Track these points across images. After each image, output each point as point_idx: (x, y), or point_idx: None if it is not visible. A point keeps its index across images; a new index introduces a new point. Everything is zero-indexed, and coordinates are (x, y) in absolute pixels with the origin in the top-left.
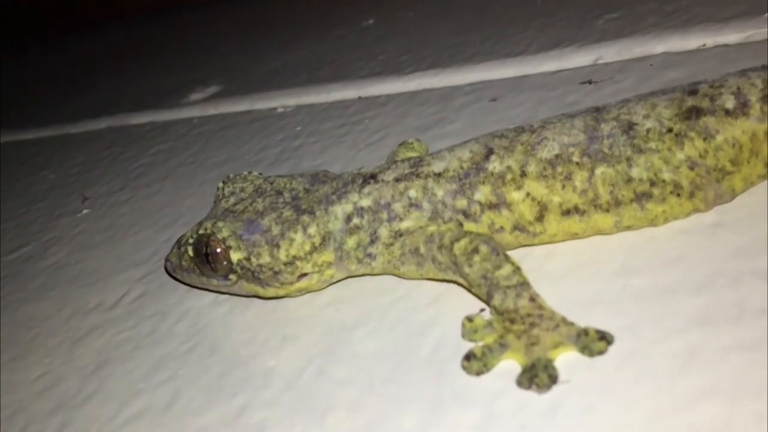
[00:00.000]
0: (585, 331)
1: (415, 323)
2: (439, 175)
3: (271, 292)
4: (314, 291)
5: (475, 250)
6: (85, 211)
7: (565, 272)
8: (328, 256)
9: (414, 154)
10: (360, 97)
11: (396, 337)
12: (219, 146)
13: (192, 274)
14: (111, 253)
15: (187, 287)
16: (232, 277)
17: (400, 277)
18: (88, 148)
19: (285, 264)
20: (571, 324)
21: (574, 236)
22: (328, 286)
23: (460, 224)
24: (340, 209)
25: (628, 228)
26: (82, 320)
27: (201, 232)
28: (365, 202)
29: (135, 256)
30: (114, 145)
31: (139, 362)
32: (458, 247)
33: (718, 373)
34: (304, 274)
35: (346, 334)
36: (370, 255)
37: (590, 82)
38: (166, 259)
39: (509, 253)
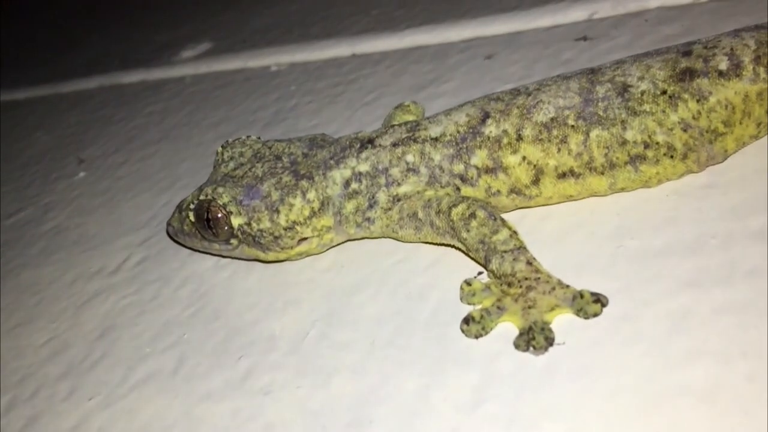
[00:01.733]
0: (580, 294)
1: (414, 287)
2: (436, 139)
3: (271, 256)
4: (315, 254)
5: (473, 216)
6: (81, 174)
7: (561, 235)
8: (327, 220)
9: (411, 117)
10: (354, 54)
11: (396, 300)
12: (213, 106)
13: (194, 238)
14: (110, 216)
15: (189, 251)
16: (234, 241)
17: (398, 240)
18: (81, 108)
19: (285, 229)
20: (567, 287)
21: (570, 198)
22: (328, 249)
23: (458, 189)
24: (339, 174)
25: (623, 189)
26: (86, 285)
27: (202, 197)
28: (363, 168)
29: (134, 219)
30: (106, 106)
31: (144, 327)
32: (456, 213)
33: (709, 334)
34: (304, 239)
35: (347, 297)
36: (368, 219)
37: (585, 39)
38: (168, 224)
39: (506, 216)
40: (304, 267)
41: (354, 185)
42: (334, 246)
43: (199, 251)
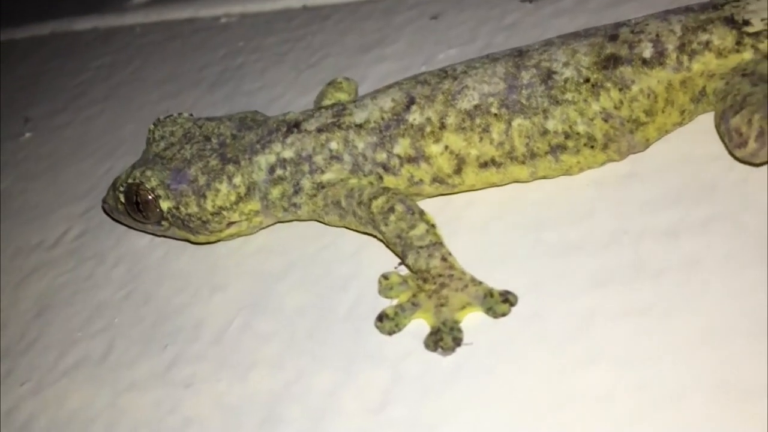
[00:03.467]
0: (490, 292)
1: (337, 276)
2: (360, 126)
3: (201, 238)
4: (245, 236)
5: (391, 209)
6: (27, 135)
7: (482, 223)
8: (254, 205)
9: (343, 96)
10: (305, 6)
11: (318, 290)
12: (160, 61)
13: (128, 217)
14: (53, 184)
15: (125, 227)
16: (164, 223)
17: (326, 224)
18: (33, 58)
19: (212, 214)
20: (480, 284)
21: (493, 185)
22: (258, 230)
23: (381, 177)
24: (264, 160)
25: (544, 177)
26: (25, 260)
27: (130, 181)
28: (287, 154)
29: (76, 189)
30: (57, 56)
31: (78, 308)
32: (375, 205)
33: (608, 338)
34: (233, 222)
35: (272, 285)
36: (294, 205)
37: (531, 1)
38: (104, 201)
39: (429, 202)
40: (233, 249)
41: (279, 171)
42: (264, 228)
43: (134, 229)
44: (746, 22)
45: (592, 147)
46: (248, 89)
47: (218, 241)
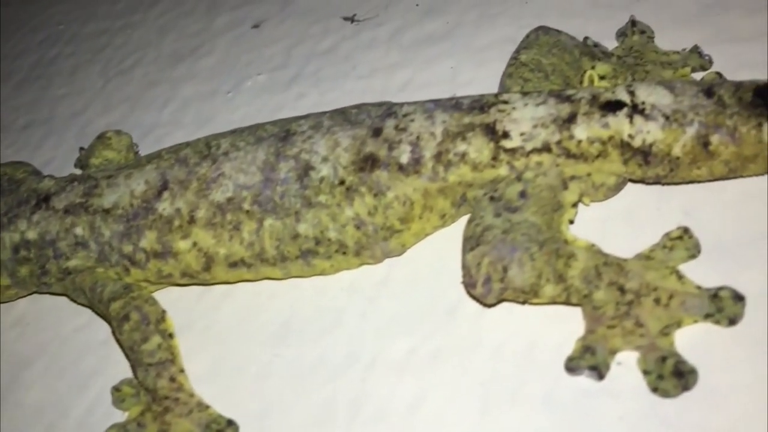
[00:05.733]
0: (216, 420)
1: (84, 368)
2: (107, 211)
3: None
4: (5, 303)
5: (126, 318)
6: None
7: (233, 323)
8: (4, 280)
9: (111, 154)
10: None
11: (60, 384)
12: None
13: None
14: None
15: None
16: None
17: None
18: None
19: None
20: (206, 409)
21: (247, 280)
22: (19, 298)
23: (127, 269)
24: (9, 238)
25: (299, 276)
26: None
27: None
28: (31, 235)
29: None
30: None
31: None
32: (113, 309)
33: None
34: None
35: (20, 371)
36: (45, 284)
37: (353, 20)
38: None
39: (183, 294)
40: None
41: (23, 252)
42: (24, 296)
43: None
44: (506, 134)
45: (344, 253)
46: (53, 95)
47: None
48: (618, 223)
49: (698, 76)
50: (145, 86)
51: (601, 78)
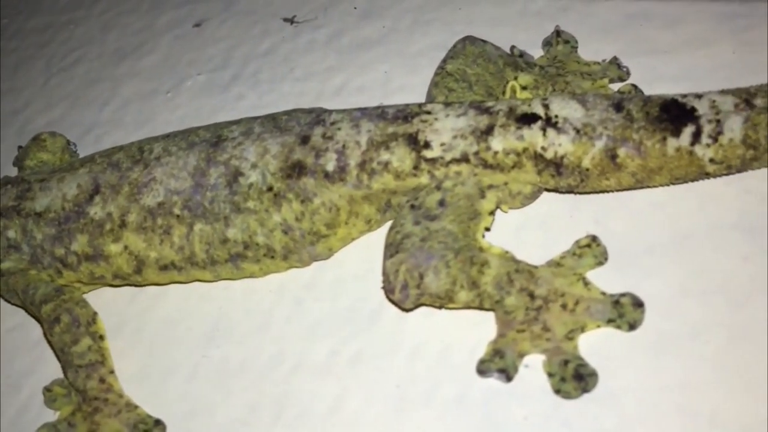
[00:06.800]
0: (144, 420)
1: (17, 368)
2: (39, 215)
3: None
4: None
5: (57, 320)
6: None
7: (164, 324)
8: None
9: (46, 156)
10: None
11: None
12: None
13: None
14: None
15: None
16: None
17: None
18: None
19: None
20: (134, 409)
21: (178, 282)
22: None
23: (59, 271)
24: None
25: (229, 279)
26: None
27: None
28: None
29: None
30: None
31: None
32: (44, 311)
33: None
34: None
35: None
36: None
37: (292, 22)
38: None
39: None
40: None
41: None
42: None
43: None
44: (427, 145)
45: (272, 257)
46: None
47: None
48: (533, 231)
49: (616, 87)
50: (86, 84)
51: (523, 88)
